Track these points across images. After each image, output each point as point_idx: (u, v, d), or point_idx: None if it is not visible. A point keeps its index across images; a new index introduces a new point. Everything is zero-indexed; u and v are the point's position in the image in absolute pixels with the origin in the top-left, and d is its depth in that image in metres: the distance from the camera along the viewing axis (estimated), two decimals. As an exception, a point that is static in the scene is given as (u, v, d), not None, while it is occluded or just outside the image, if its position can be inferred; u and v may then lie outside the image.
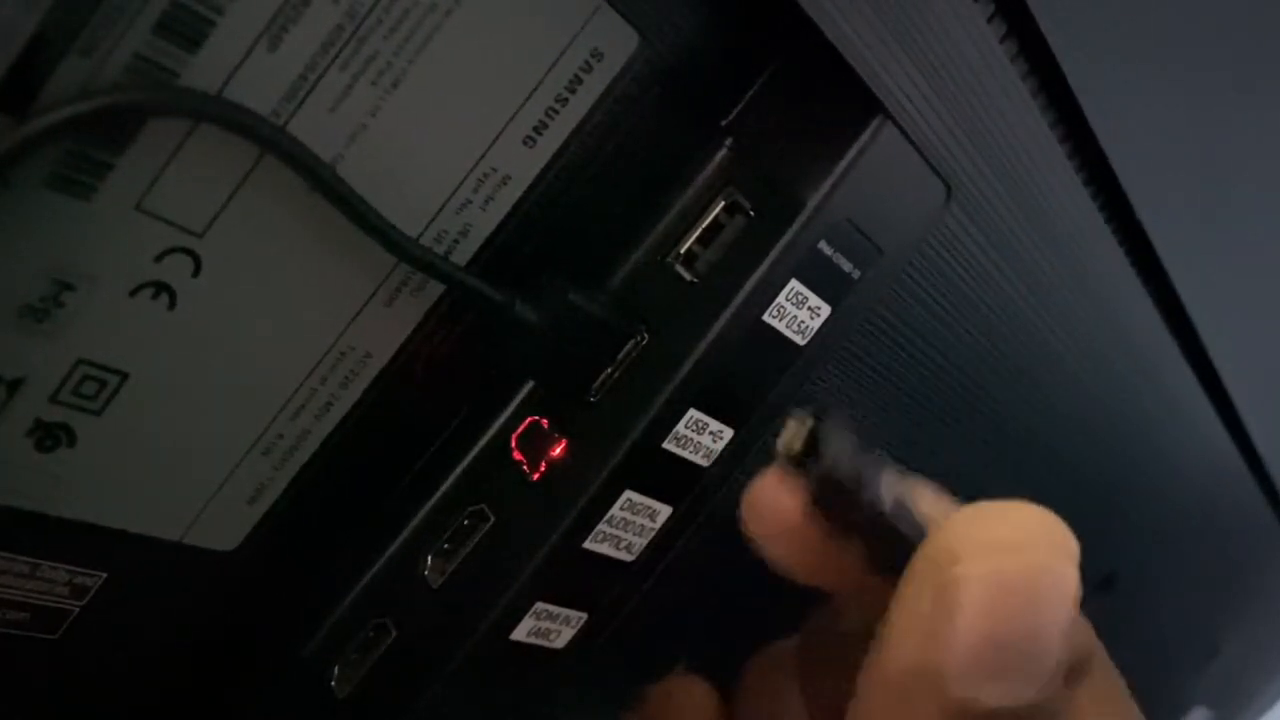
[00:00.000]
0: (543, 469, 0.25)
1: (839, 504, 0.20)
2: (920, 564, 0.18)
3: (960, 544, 0.18)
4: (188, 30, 0.18)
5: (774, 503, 0.22)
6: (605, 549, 0.25)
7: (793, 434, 0.20)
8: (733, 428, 0.26)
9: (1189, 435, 0.48)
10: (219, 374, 0.22)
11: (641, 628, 0.29)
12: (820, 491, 0.20)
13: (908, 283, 0.29)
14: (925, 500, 0.21)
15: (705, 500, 0.27)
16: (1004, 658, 0.17)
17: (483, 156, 0.22)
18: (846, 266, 0.25)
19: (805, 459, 0.20)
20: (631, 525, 0.25)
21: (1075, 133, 0.31)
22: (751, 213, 0.24)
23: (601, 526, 0.25)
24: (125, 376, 0.21)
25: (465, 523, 0.25)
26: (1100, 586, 0.52)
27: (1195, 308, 0.40)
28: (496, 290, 0.23)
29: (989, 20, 0.26)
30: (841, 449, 0.20)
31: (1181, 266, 0.38)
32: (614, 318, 0.24)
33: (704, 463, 0.26)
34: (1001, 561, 0.17)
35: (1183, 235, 0.37)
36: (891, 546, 0.20)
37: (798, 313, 0.25)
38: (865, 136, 0.24)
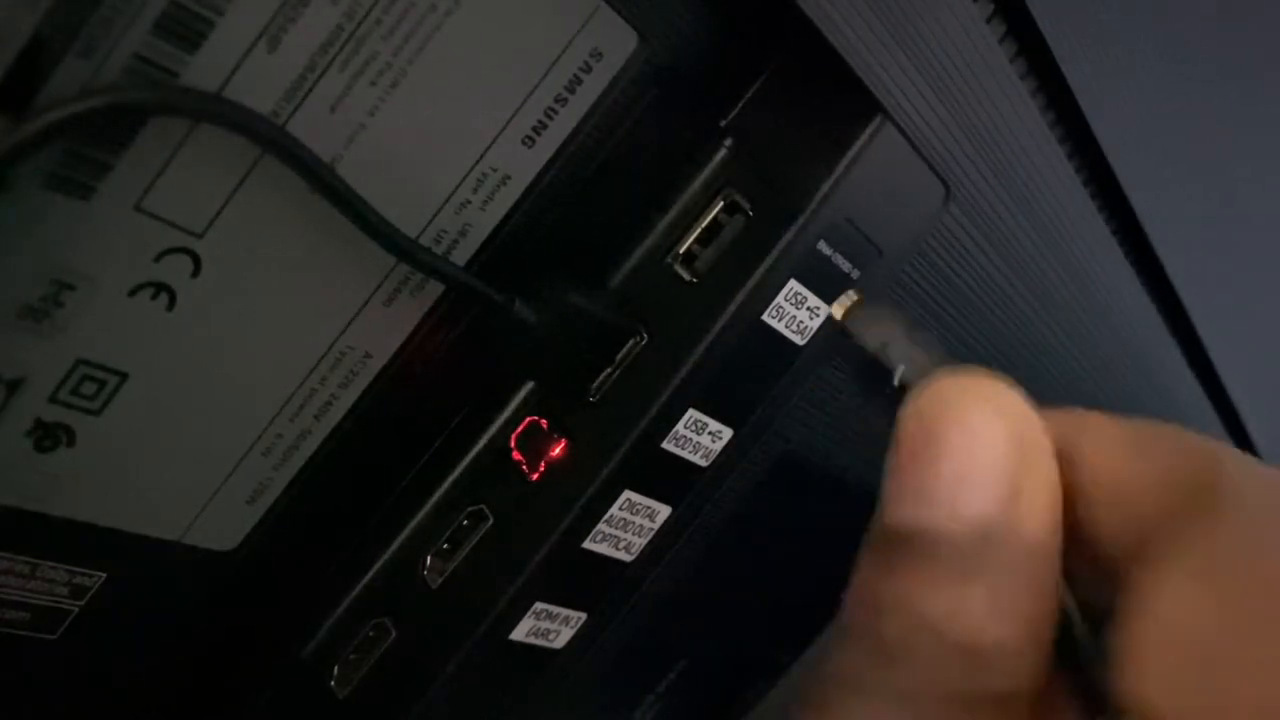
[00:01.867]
0: (542, 469, 0.25)
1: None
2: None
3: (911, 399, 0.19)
4: (187, 30, 0.18)
5: None
6: (604, 549, 0.25)
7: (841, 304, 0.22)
8: (732, 428, 0.26)
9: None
10: (218, 374, 0.22)
11: (641, 627, 0.29)
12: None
13: (907, 282, 0.29)
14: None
15: (704, 500, 0.27)
16: (913, 484, 0.18)
17: (482, 156, 0.22)
18: (845, 266, 0.25)
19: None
20: (631, 525, 0.25)
21: (1074, 132, 0.31)
22: (750, 213, 0.24)
23: (601, 526, 0.25)
24: (124, 376, 0.21)
25: (464, 523, 0.25)
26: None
27: (1195, 307, 0.40)
28: (496, 290, 0.23)
29: (988, 20, 0.26)
30: (875, 319, 0.21)
31: (1181, 266, 0.38)
32: (613, 318, 0.24)
33: (703, 463, 0.26)
34: (919, 402, 0.19)
35: (1182, 235, 0.37)
36: None
37: (797, 313, 0.25)
38: (864, 136, 0.24)
